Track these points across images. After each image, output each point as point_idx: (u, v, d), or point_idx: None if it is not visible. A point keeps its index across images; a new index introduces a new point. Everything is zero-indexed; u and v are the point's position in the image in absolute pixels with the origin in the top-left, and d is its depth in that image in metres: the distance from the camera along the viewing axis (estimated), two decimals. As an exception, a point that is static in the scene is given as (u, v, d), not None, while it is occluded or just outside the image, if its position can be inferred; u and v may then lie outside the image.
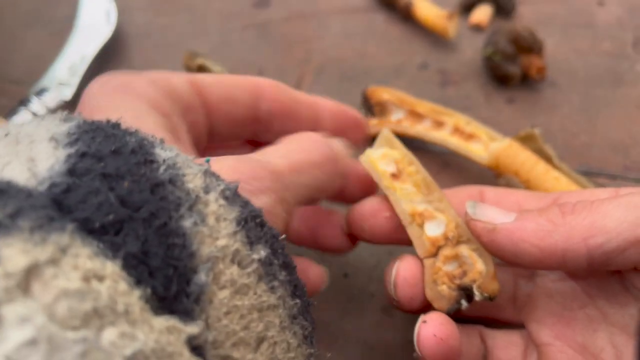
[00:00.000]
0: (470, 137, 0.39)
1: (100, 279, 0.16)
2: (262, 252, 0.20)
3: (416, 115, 0.41)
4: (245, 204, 0.21)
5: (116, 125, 0.21)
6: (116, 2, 0.51)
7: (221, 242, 0.19)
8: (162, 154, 0.20)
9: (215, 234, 0.19)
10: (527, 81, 0.46)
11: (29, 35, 0.52)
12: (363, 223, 0.30)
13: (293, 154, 0.27)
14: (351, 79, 0.47)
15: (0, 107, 0.47)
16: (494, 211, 0.27)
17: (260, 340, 0.20)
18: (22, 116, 0.42)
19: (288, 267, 0.22)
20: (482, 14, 0.50)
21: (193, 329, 0.18)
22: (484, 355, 0.30)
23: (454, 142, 0.39)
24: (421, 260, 0.29)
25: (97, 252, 0.17)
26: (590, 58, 0.47)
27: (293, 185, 0.25)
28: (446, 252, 0.28)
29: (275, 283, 0.21)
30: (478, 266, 0.28)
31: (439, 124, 0.40)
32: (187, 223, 0.19)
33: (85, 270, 0.16)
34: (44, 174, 0.18)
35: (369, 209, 0.30)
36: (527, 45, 0.44)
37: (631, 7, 0.50)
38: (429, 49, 0.49)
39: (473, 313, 0.31)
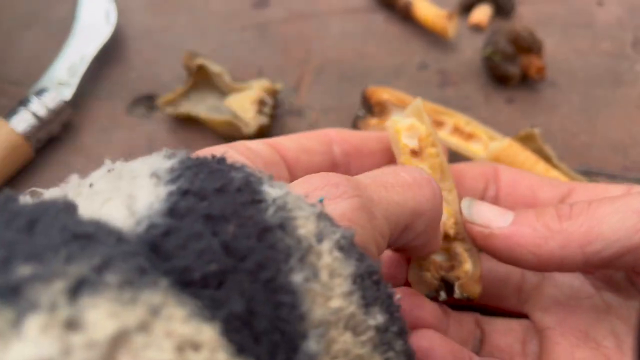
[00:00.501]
0: (470, 136, 0.39)
1: (197, 348, 0.14)
2: (378, 317, 0.18)
3: None
4: (362, 256, 0.18)
5: (222, 160, 0.20)
6: (116, 3, 0.51)
7: (335, 303, 0.17)
8: (271, 192, 0.18)
9: (328, 293, 0.17)
10: (526, 81, 0.46)
11: (28, 35, 0.52)
12: None
13: (378, 173, 0.24)
14: (351, 79, 0.47)
15: (-1, 107, 0.47)
16: (490, 212, 0.27)
17: None
18: (22, 116, 0.42)
19: (403, 334, 0.19)
20: (482, 14, 0.50)
21: None
22: (480, 340, 0.30)
23: (454, 142, 0.39)
24: None
25: (194, 313, 0.14)
26: (589, 58, 0.47)
27: (379, 198, 0.21)
28: (441, 244, 0.28)
29: (391, 354, 0.18)
30: (466, 266, 0.28)
31: (439, 124, 0.40)
32: (297, 278, 0.16)
33: (179, 337, 0.14)
34: (143, 212, 0.17)
35: None
36: (526, 46, 0.44)
37: (631, 7, 0.50)
38: (429, 49, 0.49)
39: (478, 299, 0.31)
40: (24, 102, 0.43)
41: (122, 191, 0.17)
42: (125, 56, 0.50)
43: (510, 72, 0.44)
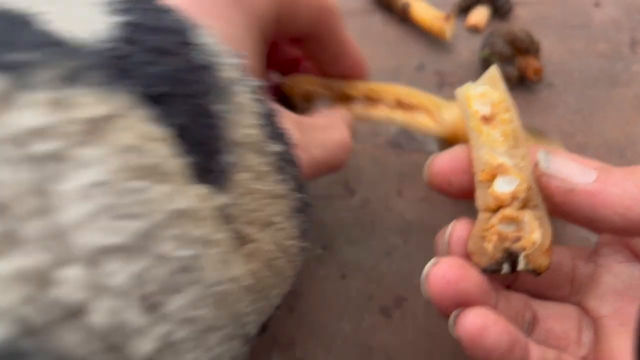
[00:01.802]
0: (413, 108, 0.36)
1: (154, 140, 0.17)
2: (278, 147, 0.22)
3: (348, 98, 0.38)
4: (266, 102, 0.23)
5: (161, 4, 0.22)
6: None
7: (246, 130, 0.21)
8: (203, 39, 0.21)
9: (241, 123, 0.21)
10: (523, 82, 0.46)
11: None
12: (452, 177, 0.28)
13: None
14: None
15: None
16: (571, 167, 0.25)
17: (268, 224, 0.21)
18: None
19: (295, 165, 0.23)
20: (479, 15, 0.50)
21: (221, 199, 0.19)
22: (530, 323, 0.28)
23: (399, 117, 0.36)
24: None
25: (152, 117, 0.18)
26: (586, 59, 0.47)
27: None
28: (508, 212, 0.26)
29: (286, 176, 0.22)
30: (534, 236, 0.26)
31: (374, 101, 0.37)
32: (219, 107, 0.20)
33: (142, 130, 0.17)
34: (103, 34, 0.18)
35: (459, 158, 0.28)
36: (524, 47, 0.44)
37: (627, 8, 0.50)
38: (426, 51, 0.49)
39: (525, 286, 0.29)
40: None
41: (73, 13, 0.19)
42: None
43: (507, 73, 0.45)
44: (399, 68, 0.48)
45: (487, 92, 0.29)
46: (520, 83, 0.46)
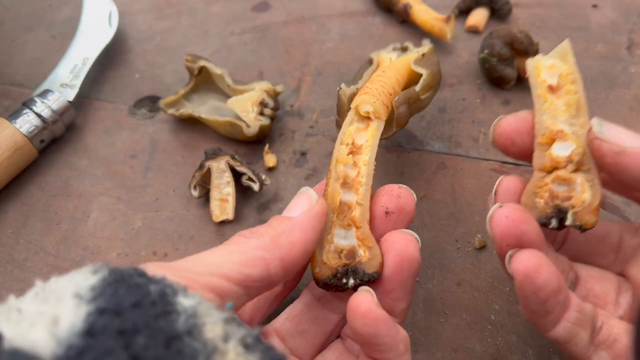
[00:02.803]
0: None
1: None
2: None
3: None
4: (267, 349, 0.21)
5: (142, 274, 0.22)
6: (118, 6, 0.52)
7: None
8: (185, 302, 0.21)
9: None
10: (522, 83, 0.46)
11: (31, 38, 0.53)
12: (515, 136, 0.30)
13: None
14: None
15: (3, 108, 0.48)
16: (622, 132, 0.27)
17: None
18: (26, 117, 0.43)
19: None
20: (479, 17, 0.51)
21: None
22: (572, 282, 0.31)
23: None
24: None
25: None
26: (584, 60, 0.48)
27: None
28: (561, 173, 0.29)
29: None
30: (584, 196, 0.28)
31: None
32: None
33: None
34: (64, 334, 0.19)
35: (524, 121, 0.30)
36: (523, 48, 0.45)
37: (625, 10, 0.51)
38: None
39: (571, 252, 0.32)
40: (28, 103, 0.43)
41: (46, 315, 0.19)
42: (128, 58, 0.51)
43: (506, 74, 0.45)
44: (400, 69, 0.49)
45: (556, 65, 0.31)
46: (519, 84, 0.46)
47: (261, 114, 0.44)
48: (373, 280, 0.29)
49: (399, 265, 0.29)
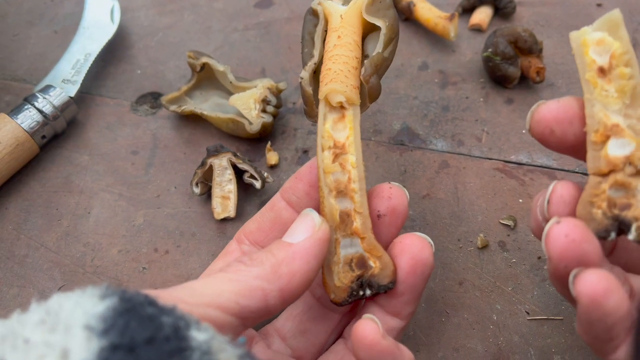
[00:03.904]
0: None
1: None
2: None
3: None
4: None
5: (153, 302, 0.21)
6: (120, 1, 0.51)
7: None
8: (198, 336, 0.20)
9: None
10: (525, 82, 0.46)
11: (33, 33, 0.53)
12: (556, 125, 0.27)
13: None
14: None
15: (5, 103, 0.47)
16: None
17: None
18: (27, 113, 0.42)
19: None
20: (482, 15, 0.51)
21: None
22: (630, 294, 0.27)
23: None
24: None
25: None
26: (588, 60, 0.48)
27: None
28: (619, 177, 0.25)
29: None
30: None
31: None
32: None
33: None
34: None
35: (566, 109, 0.26)
36: (526, 47, 0.45)
37: (630, 9, 0.51)
38: (429, 50, 0.50)
39: (621, 260, 0.29)
40: (29, 99, 0.43)
41: (56, 347, 0.19)
42: (130, 54, 0.51)
43: (510, 72, 0.45)
44: (403, 67, 0.49)
45: (606, 40, 0.26)
46: (522, 82, 0.46)
47: (263, 111, 0.43)
48: (388, 290, 0.28)
49: (413, 269, 0.28)
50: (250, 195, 0.42)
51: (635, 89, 0.25)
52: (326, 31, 0.32)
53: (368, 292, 0.28)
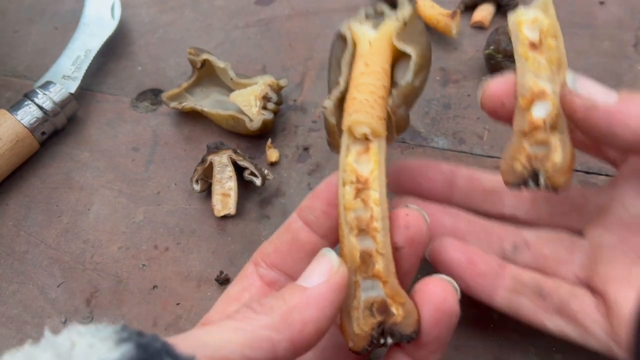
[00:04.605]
0: None
1: None
2: None
3: None
4: None
5: (170, 352, 0.20)
6: (121, -3, 0.51)
7: None
8: None
9: None
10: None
11: (34, 29, 0.53)
12: (505, 99, 0.30)
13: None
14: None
15: (5, 100, 0.47)
16: (595, 87, 0.27)
17: None
18: (28, 109, 0.42)
19: None
20: (485, 12, 0.51)
21: None
22: (517, 247, 0.32)
23: None
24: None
25: None
26: (590, 58, 0.47)
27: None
28: (540, 135, 0.28)
29: None
30: (556, 157, 0.28)
31: None
32: None
33: None
34: None
35: (512, 83, 0.29)
36: (528, 45, 0.44)
37: (632, 8, 0.51)
38: (431, 47, 0.49)
39: (530, 216, 0.32)
40: (29, 95, 0.43)
41: None
42: (131, 51, 0.51)
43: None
44: (404, 64, 0.48)
45: (538, 18, 0.30)
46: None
47: (264, 108, 0.43)
48: (411, 340, 0.27)
49: (437, 320, 0.26)
50: (250, 193, 0.42)
51: (560, 59, 0.29)
52: (354, 57, 0.31)
53: (390, 340, 0.27)
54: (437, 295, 0.26)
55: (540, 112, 0.28)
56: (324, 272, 0.25)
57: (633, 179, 0.30)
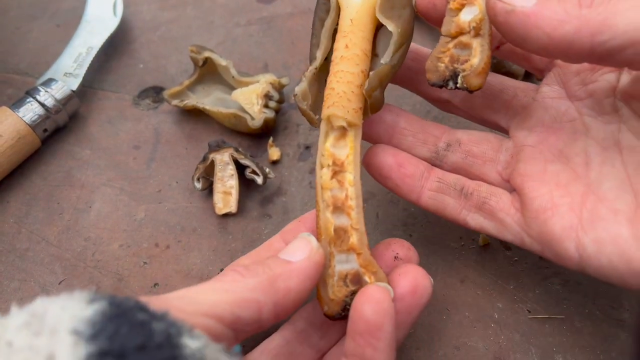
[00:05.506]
0: None
1: None
2: None
3: None
4: None
5: (144, 308, 0.20)
6: (123, -5, 0.51)
7: None
8: (191, 344, 0.20)
9: None
10: (530, 79, 0.46)
11: (35, 26, 0.53)
12: (437, 0, 0.31)
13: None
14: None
15: (7, 97, 0.47)
16: None
17: None
18: (29, 106, 0.42)
19: None
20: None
21: None
22: (449, 145, 0.35)
23: None
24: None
25: None
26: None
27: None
28: (464, 39, 0.30)
29: None
30: (473, 60, 0.30)
31: None
32: None
33: None
34: None
35: None
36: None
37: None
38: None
39: (467, 110, 0.35)
40: (31, 92, 0.43)
41: (40, 351, 0.18)
42: (132, 48, 0.51)
43: (514, 69, 0.45)
44: (406, 63, 0.48)
45: None
46: (527, 79, 0.46)
47: (266, 106, 0.43)
48: None
49: (413, 289, 0.28)
50: (251, 191, 0.42)
51: None
52: (336, 28, 0.32)
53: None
54: (418, 272, 0.29)
55: (467, 16, 0.30)
56: (306, 251, 0.28)
57: (555, 84, 0.33)
